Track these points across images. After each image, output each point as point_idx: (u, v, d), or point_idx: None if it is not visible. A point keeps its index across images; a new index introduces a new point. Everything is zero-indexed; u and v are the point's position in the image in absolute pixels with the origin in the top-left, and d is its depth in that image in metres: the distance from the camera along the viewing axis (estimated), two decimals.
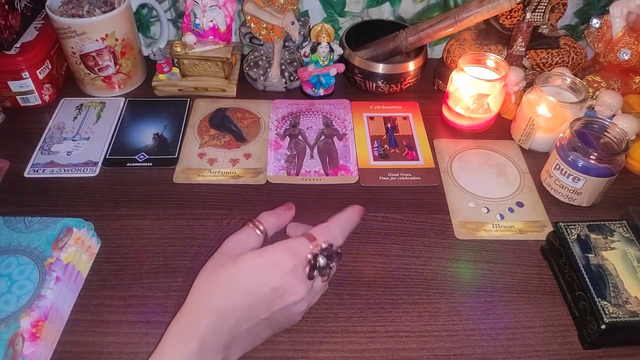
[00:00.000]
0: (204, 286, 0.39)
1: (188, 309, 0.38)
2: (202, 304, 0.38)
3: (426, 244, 0.53)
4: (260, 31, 0.68)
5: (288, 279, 0.39)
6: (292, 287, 0.39)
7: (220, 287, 0.38)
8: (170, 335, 0.37)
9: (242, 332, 0.39)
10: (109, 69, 0.68)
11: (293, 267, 0.39)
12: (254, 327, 0.40)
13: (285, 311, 0.40)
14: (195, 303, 0.38)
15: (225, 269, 0.39)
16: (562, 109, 0.59)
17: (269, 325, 0.41)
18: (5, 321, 0.41)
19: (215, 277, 0.39)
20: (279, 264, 0.39)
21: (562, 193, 0.57)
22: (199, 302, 0.38)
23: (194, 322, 0.37)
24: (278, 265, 0.39)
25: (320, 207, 0.57)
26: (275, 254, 0.39)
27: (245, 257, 0.39)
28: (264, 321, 0.40)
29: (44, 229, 0.48)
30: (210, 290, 0.39)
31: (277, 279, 0.38)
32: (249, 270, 0.39)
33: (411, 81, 0.70)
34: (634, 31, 0.65)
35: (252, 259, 0.39)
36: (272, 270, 0.38)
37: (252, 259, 0.39)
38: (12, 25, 0.64)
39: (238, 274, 0.39)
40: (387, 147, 0.64)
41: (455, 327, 0.46)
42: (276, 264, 0.39)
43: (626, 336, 0.44)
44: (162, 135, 0.64)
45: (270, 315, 0.39)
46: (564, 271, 0.49)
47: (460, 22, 0.64)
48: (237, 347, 0.40)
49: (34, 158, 0.61)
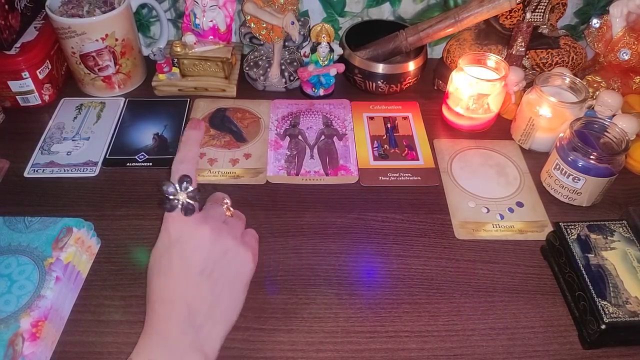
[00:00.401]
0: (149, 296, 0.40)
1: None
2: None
3: (426, 244, 0.53)
4: (260, 31, 0.68)
5: (180, 235, 0.39)
6: (191, 235, 0.39)
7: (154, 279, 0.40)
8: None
9: (197, 299, 0.38)
10: (109, 69, 0.68)
11: (173, 225, 0.39)
12: (207, 291, 0.39)
13: (213, 254, 0.39)
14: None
15: (149, 274, 0.41)
16: (562, 109, 0.59)
17: (220, 282, 0.39)
18: (5, 321, 0.41)
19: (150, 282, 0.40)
20: (164, 238, 0.40)
21: (562, 193, 0.57)
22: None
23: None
24: (165, 238, 0.39)
25: (320, 207, 0.57)
26: (160, 235, 0.40)
27: (151, 256, 0.41)
28: (206, 279, 0.39)
29: (44, 229, 0.48)
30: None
31: (174, 245, 0.39)
32: (156, 260, 0.40)
33: (411, 81, 0.70)
34: (634, 31, 0.65)
35: (152, 252, 0.40)
36: (168, 243, 0.39)
37: (152, 253, 0.40)
38: (12, 25, 0.64)
39: (154, 272, 0.40)
40: (387, 147, 0.64)
41: (455, 327, 0.46)
42: (163, 239, 0.40)
43: (626, 336, 0.44)
44: (162, 135, 0.64)
45: (203, 267, 0.39)
46: (564, 271, 0.49)
47: (460, 22, 0.64)
48: (209, 319, 0.39)
49: (34, 158, 0.61)
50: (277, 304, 0.48)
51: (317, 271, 0.50)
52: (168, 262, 0.39)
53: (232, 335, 0.41)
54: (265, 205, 0.57)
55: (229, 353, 0.43)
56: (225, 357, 0.40)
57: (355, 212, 0.56)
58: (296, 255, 0.52)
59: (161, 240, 0.40)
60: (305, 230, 0.54)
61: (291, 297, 0.48)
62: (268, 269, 0.50)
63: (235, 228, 0.42)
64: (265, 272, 0.50)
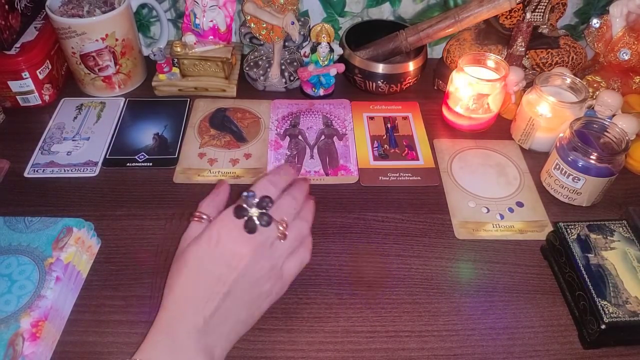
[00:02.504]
0: (168, 291, 0.40)
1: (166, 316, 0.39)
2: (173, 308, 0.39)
3: (426, 244, 0.53)
4: (260, 31, 0.68)
5: (225, 244, 0.39)
6: (233, 251, 0.39)
7: (177, 284, 0.39)
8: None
9: (218, 317, 0.38)
10: (109, 69, 0.68)
11: (226, 232, 0.39)
12: (226, 308, 0.39)
13: (245, 278, 0.39)
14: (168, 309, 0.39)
15: (175, 266, 0.40)
16: (562, 109, 0.59)
17: (243, 300, 0.40)
18: (5, 321, 0.41)
19: (173, 276, 0.40)
20: (212, 238, 0.39)
21: (562, 193, 0.57)
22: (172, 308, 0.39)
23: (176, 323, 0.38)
24: (212, 239, 0.39)
25: (320, 207, 0.57)
26: (208, 232, 0.40)
27: (187, 248, 0.40)
28: (229, 297, 0.38)
29: (44, 229, 0.48)
30: (171, 292, 0.39)
31: (214, 251, 0.39)
32: (192, 258, 0.39)
33: (411, 81, 0.70)
34: (634, 31, 0.65)
35: (191, 247, 0.40)
36: (209, 245, 0.39)
37: (190, 247, 0.40)
38: (12, 25, 0.64)
39: (183, 266, 0.39)
40: (387, 147, 0.64)
41: (455, 327, 0.46)
42: (210, 239, 0.39)
43: (626, 336, 0.44)
44: (162, 135, 0.64)
45: (231, 287, 0.38)
46: (564, 271, 0.49)
47: (460, 22, 0.64)
48: (221, 335, 0.39)
49: (34, 158, 0.61)
50: (277, 304, 0.47)
51: (317, 271, 0.50)
52: (199, 266, 0.39)
53: None
54: None
55: (229, 353, 0.43)
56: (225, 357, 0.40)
57: (355, 212, 0.56)
58: None
59: (203, 240, 0.39)
60: None
61: (291, 297, 0.48)
62: None
63: (279, 252, 0.41)
64: None
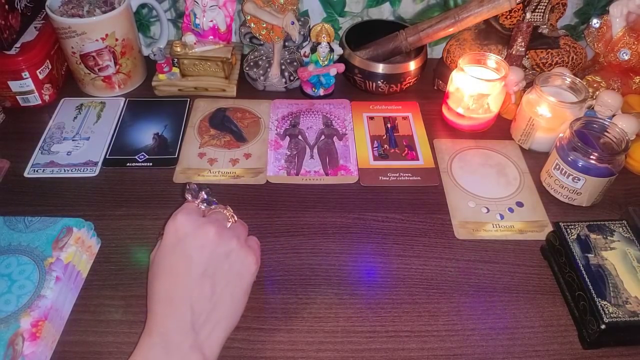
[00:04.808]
0: (151, 296, 0.41)
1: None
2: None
3: (426, 244, 0.53)
4: (260, 31, 0.68)
5: (187, 232, 0.40)
6: (196, 232, 0.40)
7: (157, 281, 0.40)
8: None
9: (202, 303, 0.38)
10: (109, 69, 0.68)
11: (184, 221, 0.40)
12: (209, 292, 0.39)
13: (217, 253, 0.40)
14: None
15: (150, 274, 0.41)
16: (562, 109, 0.59)
17: (222, 280, 0.40)
18: (5, 321, 0.41)
19: (152, 282, 0.41)
20: (175, 233, 0.40)
21: (562, 193, 0.57)
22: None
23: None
24: (174, 234, 0.40)
25: (320, 207, 0.57)
26: (166, 233, 0.41)
27: (155, 254, 0.42)
28: (207, 278, 0.39)
29: (44, 229, 0.48)
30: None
31: (181, 241, 0.40)
32: (162, 256, 0.40)
33: (411, 81, 0.70)
34: (634, 31, 0.65)
35: (158, 250, 0.41)
36: (174, 239, 0.40)
37: (158, 251, 0.41)
38: (12, 25, 0.64)
39: (156, 269, 0.40)
40: (387, 147, 0.64)
41: (455, 327, 0.46)
42: (172, 234, 0.40)
43: (626, 336, 0.44)
44: (162, 135, 0.64)
45: (207, 265, 0.39)
46: (564, 271, 0.49)
47: (460, 22, 0.64)
48: (210, 320, 0.39)
49: (34, 158, 0.61)
50: (277, 304, 0.48)
51: (317, 271, 0.50)
52: (171, 262, 0.39)
53: (232, 335, 0.41)
54: (265, 205, 0.57)
55: (229, 353, 0.43)
56: (225, 357, 0.41)
57: (355, 212, 0.56)
58: (296, 255, 0.52)
59: (165, 240, 0.40)
60: (305, 230, 0.54)
61: (291, 297, 0.48)
62: (268, 269, 0.50)
63: (238, 231, 0.42)
64: (265, 272, 0.50)
